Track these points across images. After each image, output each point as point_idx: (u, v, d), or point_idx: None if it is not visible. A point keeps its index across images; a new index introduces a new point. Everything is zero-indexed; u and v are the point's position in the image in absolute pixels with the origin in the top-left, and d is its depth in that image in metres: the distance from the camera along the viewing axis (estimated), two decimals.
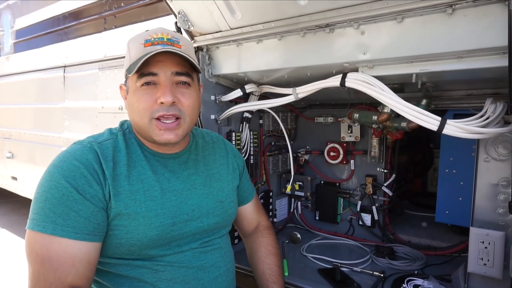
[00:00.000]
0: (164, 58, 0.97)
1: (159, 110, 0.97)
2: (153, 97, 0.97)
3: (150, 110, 0.97)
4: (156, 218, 0.98)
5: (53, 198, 0.89)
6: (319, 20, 1.31)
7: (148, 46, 0.97)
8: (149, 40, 0.98)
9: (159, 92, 0.97)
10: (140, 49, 0.98)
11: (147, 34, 1.00)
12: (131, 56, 1.00)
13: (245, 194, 1.34)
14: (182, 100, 1.00)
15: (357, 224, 2.07)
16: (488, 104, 1.23)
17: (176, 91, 0.99)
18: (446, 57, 1.18)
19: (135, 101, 0.99)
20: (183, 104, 1.00)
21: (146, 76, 0.97)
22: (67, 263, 0.87)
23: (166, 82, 0.98)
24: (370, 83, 1.33)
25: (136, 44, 1.00)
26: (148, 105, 0.97)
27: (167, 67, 0.98)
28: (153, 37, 0.99)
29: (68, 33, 3.19)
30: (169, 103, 0.97)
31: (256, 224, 1.39)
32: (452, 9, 1.08)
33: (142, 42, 0.99)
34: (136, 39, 1.01)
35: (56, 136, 3.26)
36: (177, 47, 0.99)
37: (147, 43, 0.98)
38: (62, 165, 0.93)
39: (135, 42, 1.01)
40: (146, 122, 0.98)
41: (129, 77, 1.01)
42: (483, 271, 1.31)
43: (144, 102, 0.98)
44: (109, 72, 2.70)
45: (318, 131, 2.22)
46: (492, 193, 1.34)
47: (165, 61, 0.97)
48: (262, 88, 1.82)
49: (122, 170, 0.98)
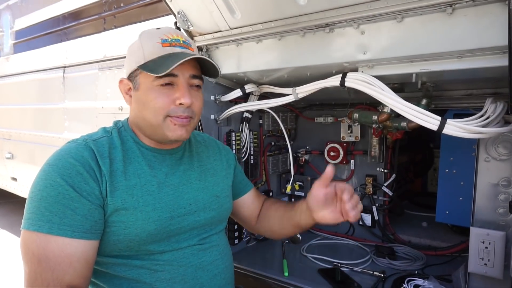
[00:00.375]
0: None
1: (176, 110, 0.99)
2: (170, 97, 0.99)
3: (167, 109, 0.99)
4: (154, 212, 0.98)
5: (49, 196, 0.88)
6: (319, 20, 1.31)
7: (166, 46, 0.99)
8: (166, 40, 1.00)
9: (178, 93, 0.99)
10: (158, 48, 0.98)
11: (161, 33, 1.01)
12: (146, 53, 0.99)
13: (241, 185, 1.35)
14: (195, 102, 1.03)
15: (357, 224, 2.07)
16: (488, 103, 1.23)
17: (191, 94, 1.02)
18: (446, 56, 1.17)
19: (151, 99, 0.99)
20: (196, 106, 1.04)
21: (166, 76, 0.97)
22: (64, 262, 0.86)
23: (184, 84, 1.00)
24: (370, 83, 1.33)
25: (152, 42, 1.00)
26: (165, 104, 0.99)
27: (186, 69, 1.00)
28: (169, 38, 1.00)
29: (67, 34, 3.19)
30: (189, 104, 0.99)
31: (260, 208, 1.39)
32: (452, 9, 1.08)
33: (159, 41, 0.99)
34: (151, 36, 1.01)
35: (56, 136, 3.26)
36: (191, 50, 1.03)
37: (165, 43, 0.99)
38: (57, 163, 0.92)
39: (150, 39, 1.00)
40: (160, 119, 0.99)
41: (140, 74, 1.01)
42: (484, 271, 1.31)
43: (161, 102, 0.98)
44: (109, 73, 2.70)
45: (318, 131, 2.22)
46: (492, 193, 1.34)
47: (184, 63, 0.98)
48: (261, 88, 1.82)
49: (119, 166, 0.98)
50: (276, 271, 1.68)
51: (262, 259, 1.84)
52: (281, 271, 1.67)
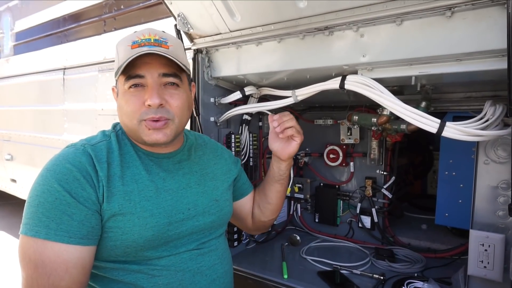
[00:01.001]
0: (151, 60, 0.97)
1: (147, 112, 0.97)
2: (141, 100, 0.97)
3: (139, 112, 0.97)
4: (151, 218, 0.97)
5: (46, 202, 0.88)
6: (318, 22, 1.31)
7: (135, 47, 0.97)
8: (136, 42, 0.98)
9: (147, 95, 0.97)
10: (128, 51, 0.97)
11: (134, 36, 1.00)
12: (119, 58, 0.99)
13: (244, 186, 1.36)
14: (170, 101, 1.00)
15: (357, 226, 2.07)
16: (487, 106, 1.23)
17: (164, 93, 0.99)
18: (445, 59, 1.18)
19: (124, 103, 0.99)
20: (172, 106, 1.00)
21: (133, 78, 0.97)
22: (60, 268, 0.86)
23: (152, 84, 0.97)
24: (369, 86, 1.33)
25: (123, 46, 0.99)
26: (136, 107, 0.97)
27: (153, 68, 0.97)
28: (140, 39, 0.98)
29: (67, 35, 3.20)
30: (156, 105, 0.96)
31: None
32: (451, 12, 1.09)
33: (129, 44, 0.98)
34: (124, 41, 1.01)
35: (55, 138, 3.26)
36: (164, 48, 0.98)
37: (134, 45, 0.97)
38: (55, 168, 0.92)
39: (123, 44, 1.00)
40: (135, 123, 0.98)
41: (117, 79, 1.01)
42: (483, 274, 1.30)
43: (132, 105, 0.97)
44: (109, 74, 2.71)
45: (318, 133, 2.22)
46: (492, 195, 1.34)
47: (152, 62, 0.97)
48: (261, 90, 1.82)
49: (116, 171, 0.97)
50: (275, 273, 1.67)
51: (262, 262, 1.83)
52: (280, 273, 1.67)
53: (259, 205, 1.36)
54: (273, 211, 1.36)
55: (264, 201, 1.35)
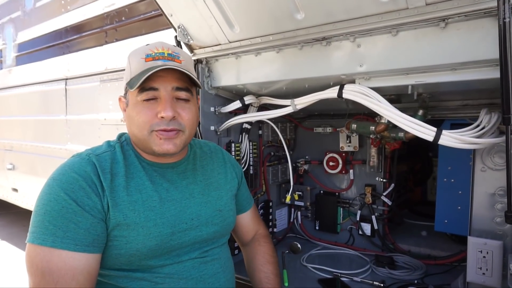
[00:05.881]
0: (165, 73, 0.99)
1: (159, 124, 0.99)
2: (153, 111, 1.00)
3: (150, 123, 0.99)
4: (155, 228, 0.99)
5: (53, 210, 0.90)
6: (316, 33, 1.34)
7: (149, 61, 1.00)
8: (150, 55, 1.01)
9: (160, 107, 0.99)
10: (141, 63, 1.00)
11: (147, 49, 1.02)
12: (132, 70, 1.02)
13: (243, 203, 1.35)
14: (182, 114, 1.03)
15: (357, 233, 2.08)
16: (483, 114, 1.25)
17: (177, 106, 1.02)
18: (440, 69, 1.20)
19: (135, 114, 1.01)
20: (183, 118, 1.03)
21: (147, 91, 0.99)
22: (67, 275, 0.88)
23: (166, 97, 1.00)
24: (367, 95, 1.35)
25: (137, 59, 1.02)
26: (148, 118, 0.99)
27: (167, 82, 1.00)
28: (154, 52, 1.01)
29: (69, 46, 3.24)
30: (170, 117, 0.99)
31: (254, 233, 1.40)
32: (445, 23, 1.11)
33: (143, 56, 1.01)
34: (137, 53, 1.03)
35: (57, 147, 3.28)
36: (177, 62, 1.02)
37: (148, 58, 1.00)
38: (61, 178, 0.94)
39: (136, 56, 1.03)
40: (146, 134, 1.00)
41: (129, 91, 1.03)
42: (482, 281, 1.31)
43: (144, 116, 0.99)
44: (110, 85, 2.74)
45: (317, 141, 2.23)
46: (489, 202, 1.35)
47: (166, 76, 0.99)
48: (261, 99, 1.84)
49: (121, 181, 0.99)
50: None
51: None
52: (281, 281, 1.67)
53: (247, 260, 1.39)
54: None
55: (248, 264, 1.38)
